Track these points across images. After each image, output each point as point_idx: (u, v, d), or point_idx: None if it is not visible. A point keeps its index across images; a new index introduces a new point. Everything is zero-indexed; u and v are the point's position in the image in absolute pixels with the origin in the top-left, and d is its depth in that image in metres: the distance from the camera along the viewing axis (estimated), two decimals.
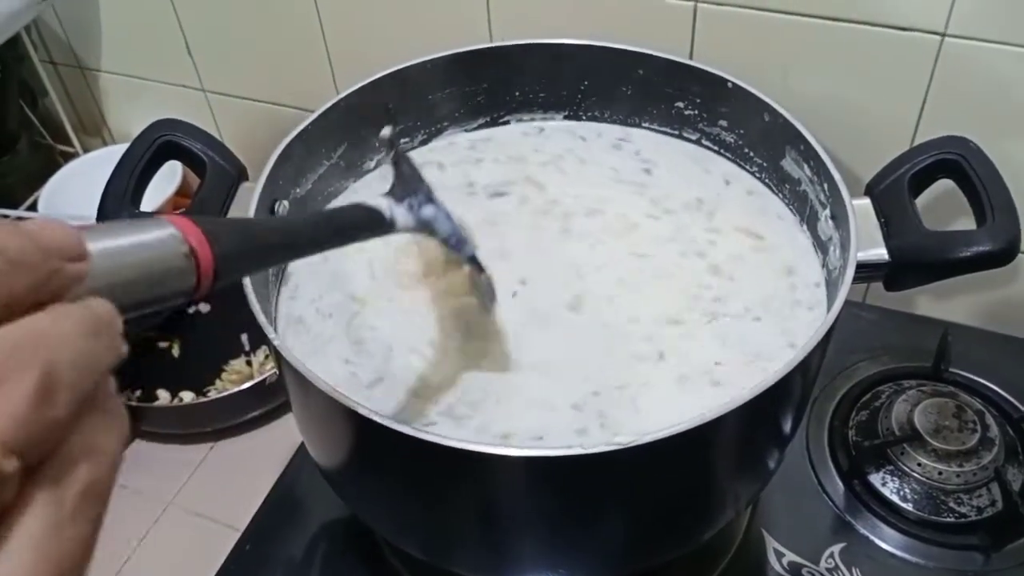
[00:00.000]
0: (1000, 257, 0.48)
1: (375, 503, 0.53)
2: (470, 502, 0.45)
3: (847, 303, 0.45)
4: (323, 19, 0.85)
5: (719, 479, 0.49)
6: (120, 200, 0.52)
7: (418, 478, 0.45)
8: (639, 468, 0.42)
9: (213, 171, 0.54)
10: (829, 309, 0.47)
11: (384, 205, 0.45)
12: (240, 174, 0.55)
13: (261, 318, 0.45)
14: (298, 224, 0.43)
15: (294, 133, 0.56)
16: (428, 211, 0.47)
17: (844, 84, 0.70)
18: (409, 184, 0.48)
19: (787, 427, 0.51)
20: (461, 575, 0.52)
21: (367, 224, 0.44)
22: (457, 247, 0.49)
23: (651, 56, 0.62)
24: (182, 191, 0.96)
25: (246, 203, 0.52)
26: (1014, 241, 0.48)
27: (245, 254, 0.33)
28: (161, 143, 0.54)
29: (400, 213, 0.46)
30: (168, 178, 0.94)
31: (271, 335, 0.45)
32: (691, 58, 0.63)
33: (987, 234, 0.48)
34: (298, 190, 0.58)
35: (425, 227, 0.47)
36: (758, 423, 0.46)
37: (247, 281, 0.47)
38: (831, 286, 0.53)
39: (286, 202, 0.56)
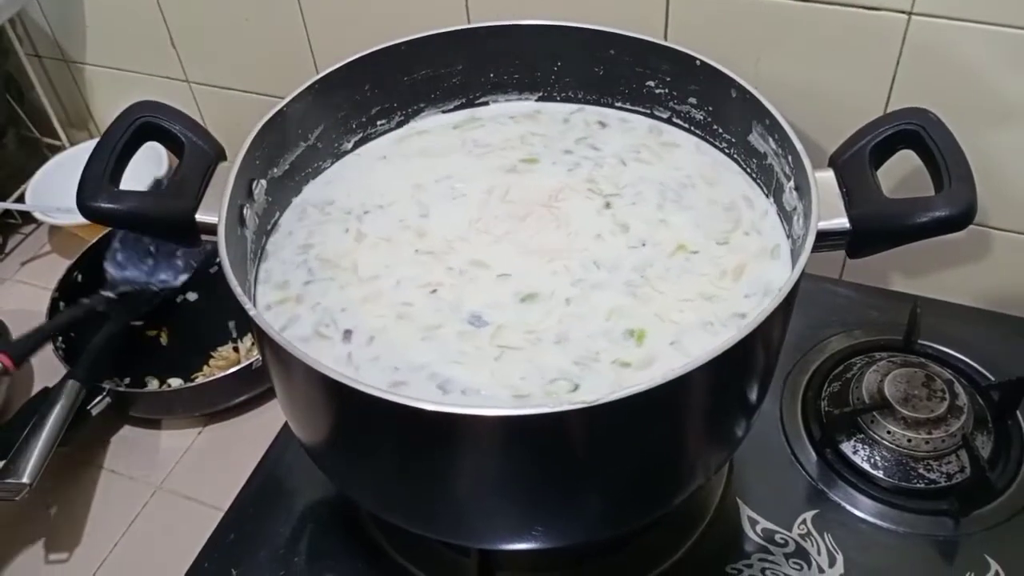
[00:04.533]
0: (957, 221, 0.49)
1: (353, 470, 0.54)
2: (444, 464, 0.46)
3: (823, 279, 0.46)
4: (303, 6, 0.86)
5: (685, 442, 0.50)
6: (99, 181, 0.53)
7: (391, 441, 0.46)
8: (605, 427, 0.43)
9: (191, 151, 0.55)
10: None
11: None
12: (218, 154, 0.56)
13: (237, 289, 0.46)
14: None
15: (271, 113, 0.57)
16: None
17: (815, 64, 0.72)
18: None
19: (752, 394, 0.52)
20: (441, 541, 0.54)
21: None
22: None
23: (622, 36, 0.63)
24: None
25: (223, 183, 0.53)
26: (971, 205, 0.49)
27: None
28: (139, 124, 0.55)
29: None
30: (155, 165, 0.95)
31: (247, 305, 0.46)
32: (665, 40, 0.64)
33: (944, 200, 0.49)
34: (275, 170, 0.59)
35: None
36: (720, 386, 0.47)
37: (223, 255, 0.48)
38: (795, 255, 0.55)
39: (264, 181, 0.58)
